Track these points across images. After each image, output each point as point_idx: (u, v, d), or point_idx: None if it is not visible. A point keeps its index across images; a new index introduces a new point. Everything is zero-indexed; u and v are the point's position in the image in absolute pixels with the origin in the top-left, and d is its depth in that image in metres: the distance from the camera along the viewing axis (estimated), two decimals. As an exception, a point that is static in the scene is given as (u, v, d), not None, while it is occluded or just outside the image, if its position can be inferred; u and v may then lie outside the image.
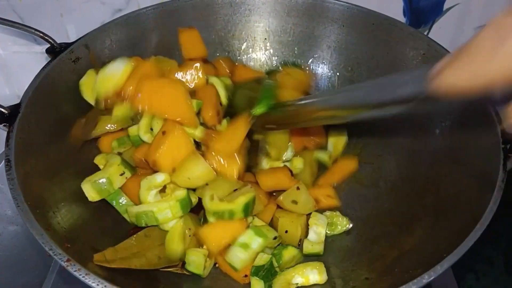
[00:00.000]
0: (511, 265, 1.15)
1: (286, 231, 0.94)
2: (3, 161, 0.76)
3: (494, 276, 1.14)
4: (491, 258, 1.17)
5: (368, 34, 1.16)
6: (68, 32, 1.31)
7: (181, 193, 0.88)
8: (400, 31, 1.11)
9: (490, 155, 0.84)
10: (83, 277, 0.65)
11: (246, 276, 0.88)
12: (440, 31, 1.36)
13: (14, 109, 0.85)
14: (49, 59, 0.99)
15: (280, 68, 1.25)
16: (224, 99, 1.02)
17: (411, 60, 1.09)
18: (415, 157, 1.04)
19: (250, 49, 1.27)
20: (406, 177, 1.04)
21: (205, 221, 0.90)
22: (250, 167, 1.01)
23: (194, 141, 0.94)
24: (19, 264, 1.07)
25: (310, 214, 0.99)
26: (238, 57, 1.27)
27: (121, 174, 0.92)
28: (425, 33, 1.37)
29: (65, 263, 0.65)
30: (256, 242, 0.86)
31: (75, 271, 0.65)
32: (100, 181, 0.90)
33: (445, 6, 1.30)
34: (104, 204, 0.93)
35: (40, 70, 0.95)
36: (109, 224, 0.92)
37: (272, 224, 0.97)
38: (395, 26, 1.11)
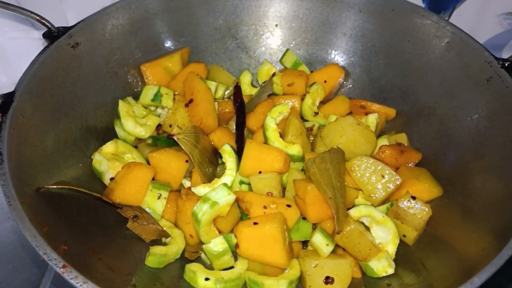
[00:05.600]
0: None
1: None
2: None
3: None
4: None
5: (387, 21, 1.08)
6: (68, 17, 1.24)
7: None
8: (422, 18, 1.03)
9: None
10: (81, 285, 0.58)
11: None
12: (460, 19, 1.28)
13: (8, 98, 0.79)
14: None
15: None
16: None
17: (434, 49, 1.02)
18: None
19: (260, 36, 1.20)
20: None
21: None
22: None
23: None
24: (17, 260, 1.02)
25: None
26: (248, 44, 1.20)
27: (158, 198, 0.89)
28: (445, 21, 1.29)
29: (61, 269, 0.59)
30: None
31: (71, 278, 0.59)
32: None
33: (467, -8, 1.23)
34: (104, 202, 0.87)
35: (36, 56, 0.89)
36: (110, 222, 0.86)
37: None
38: (416, 13, 1.04)
